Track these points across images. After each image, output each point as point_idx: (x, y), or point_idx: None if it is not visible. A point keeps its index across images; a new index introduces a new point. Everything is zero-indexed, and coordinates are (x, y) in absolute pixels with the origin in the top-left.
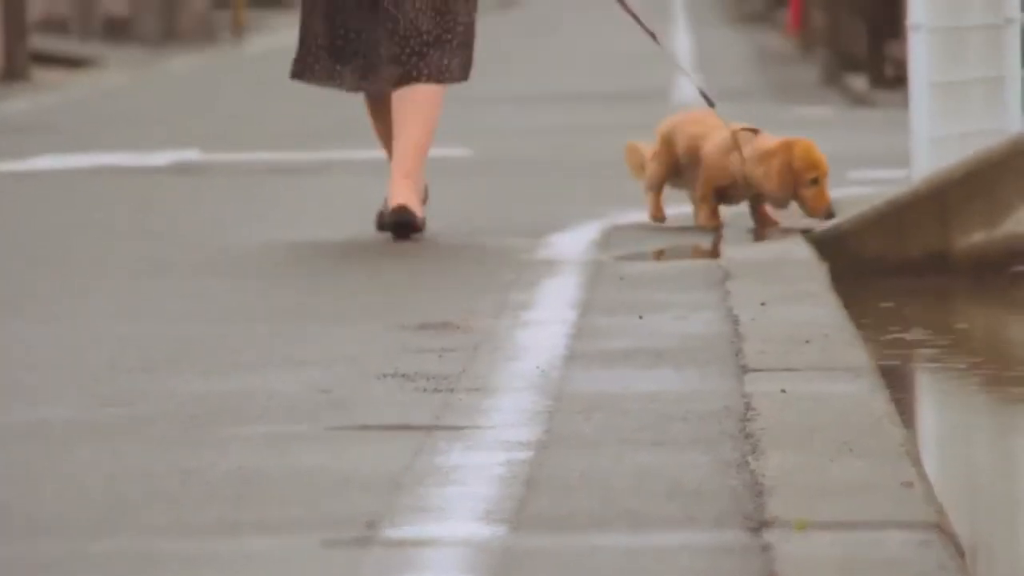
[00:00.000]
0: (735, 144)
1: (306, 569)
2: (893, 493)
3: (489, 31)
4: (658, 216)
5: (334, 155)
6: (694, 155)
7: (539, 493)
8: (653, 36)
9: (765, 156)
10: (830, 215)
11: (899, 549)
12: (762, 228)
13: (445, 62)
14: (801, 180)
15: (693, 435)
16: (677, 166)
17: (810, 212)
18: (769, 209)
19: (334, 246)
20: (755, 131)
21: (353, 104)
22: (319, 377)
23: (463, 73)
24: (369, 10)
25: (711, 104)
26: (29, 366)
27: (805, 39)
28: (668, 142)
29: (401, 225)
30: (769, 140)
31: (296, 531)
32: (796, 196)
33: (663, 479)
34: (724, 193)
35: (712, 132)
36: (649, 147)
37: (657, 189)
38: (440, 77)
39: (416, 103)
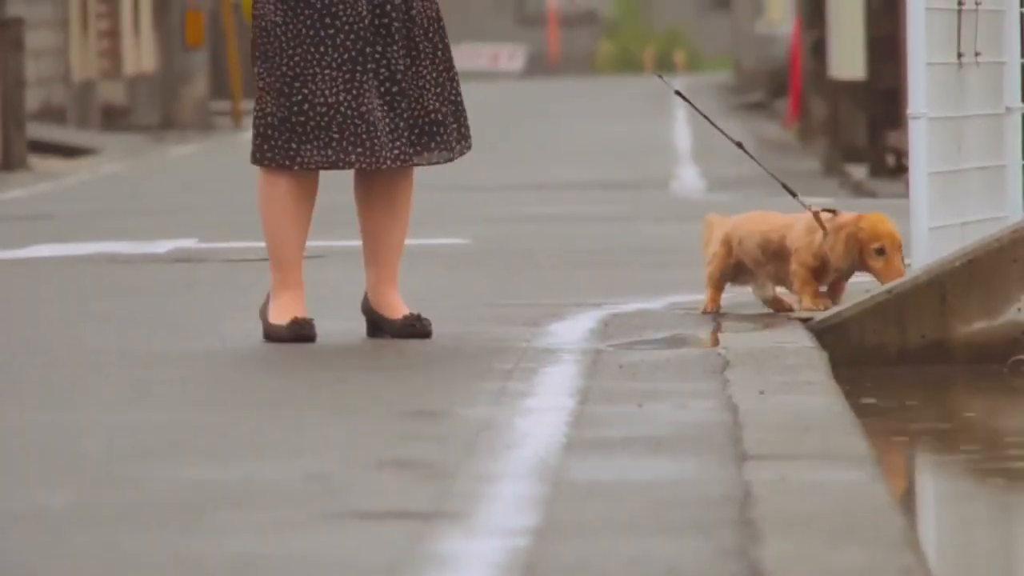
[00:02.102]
0: (818, 223)
1: None
2: None
3: (488, 118)
4: (711, 310)
5: (329, 243)
6: (776, 248)
7: None
8: (740, 145)
9: (836, 229)
10: None
11: None
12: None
13: (441, 141)
14: (867, 250)
15: (692, 522)
16: (739, 266)
17: (881, 282)
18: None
19: (331, 334)
20: (834, 211)
21: (347, 192)
22: (317, 464)
23: (469, 143)
24: (358, 83)
25: (793, 195)
26: (27, 453)
27: (805, 129)
28: (728, 243)
29: (416, 336)
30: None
31: None
32: (866, 267)
33: (662, 566)
34: (816, 274)
35: (793, 220)
36: (721, 223)
37: (717, 286)
38: (449, 157)
39: (403, 194)
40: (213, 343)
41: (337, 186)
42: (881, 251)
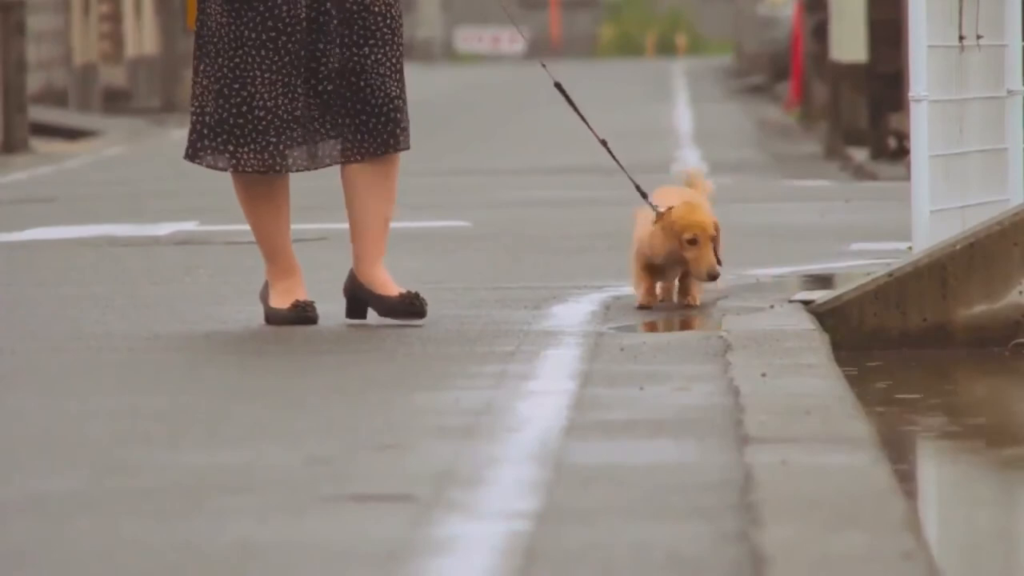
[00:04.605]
0: (656, 218)
1: None
2: (894, 565)
3: (489, 102)
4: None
5: (331, 226)
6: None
7: (539, 565)
8: (604, 143)
9: (655, 220)
10: (712, 276)
11: None
12: (681, 304)
13: (404, 127)
14: (680, 241)
15: (693, 506)
16: None
17: (693, 274)
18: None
19: (333, 316)
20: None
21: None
22: (318, 449)
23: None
24: (293, 86)
25: (643, 195)
26: (27, 439)
27: (806, 112)
28: None
29: (414, 314)
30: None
31: None
32: (680, 259)
33: (663, 550)
34: (650, 269)
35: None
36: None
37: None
38: (406, 144)
39: (385, 176)
40: (214, 326)
41: (335, 168)
42: (693, 241)
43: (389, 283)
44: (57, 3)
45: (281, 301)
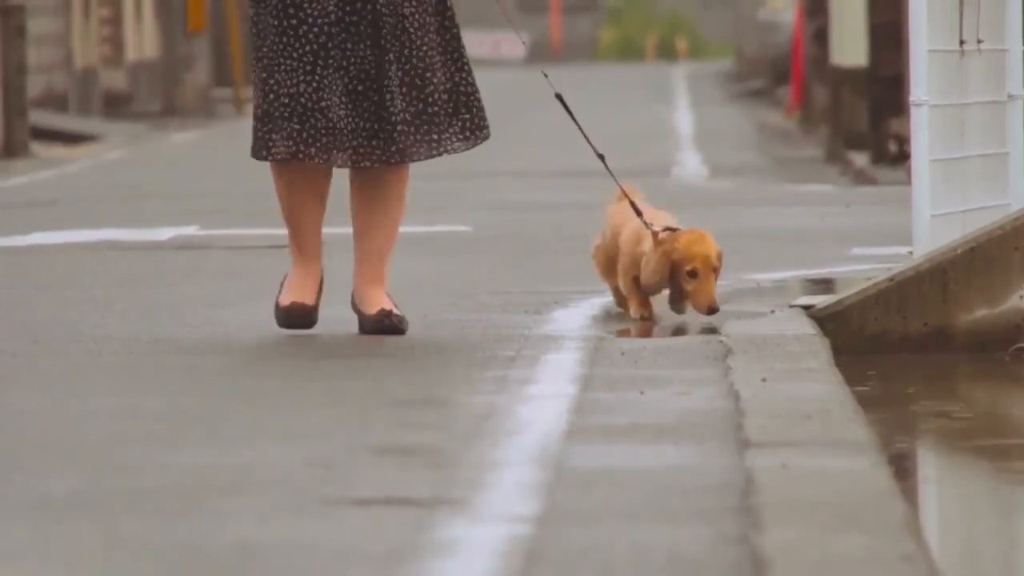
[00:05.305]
0: (653, 239)
1: None
2: (894, 567)
3: (490, 106)
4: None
5: (332, 231)
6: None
7: (540, 567)
8: (601, 157)
9: (654, 245)
10: (712, 311)
11: None
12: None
13: (409, 140)
14: (680, 271)
15: (694, 509)
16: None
17: (692, 306)
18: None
19: (334, 321)
20: (674, 230)
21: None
22: (319, 451)
23: (483, 133)
24: (318, 76)
25: (638, 213)
26: (28, 439)
27: (806, 117)
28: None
29: (386, 331)
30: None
31: None
32: (680, 288)
33: (663, 553)
34: (638, 284)
35: (628, 222)
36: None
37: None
38: (403, 158)
39: (390, 191)
40: (214, 330)
41: (340, 178)
42: (694, 273)
43: (374, 302)
44: (57, 6)
45: (285, 297)
